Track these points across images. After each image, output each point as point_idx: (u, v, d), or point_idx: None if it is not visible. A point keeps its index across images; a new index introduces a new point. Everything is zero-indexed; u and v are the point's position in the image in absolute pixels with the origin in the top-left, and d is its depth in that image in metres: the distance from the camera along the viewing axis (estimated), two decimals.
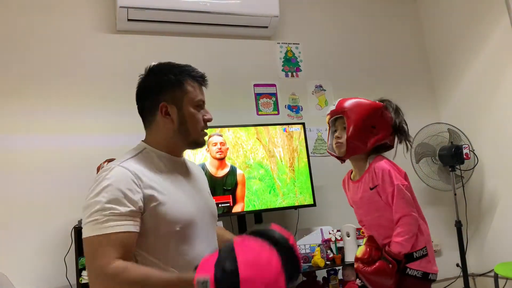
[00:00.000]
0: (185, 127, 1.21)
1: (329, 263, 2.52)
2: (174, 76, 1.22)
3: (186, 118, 1.21)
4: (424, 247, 1.69)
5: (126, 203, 1.06)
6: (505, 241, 2.97)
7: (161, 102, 1.20)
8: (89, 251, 1.04)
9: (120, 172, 1.10)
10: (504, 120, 2.95)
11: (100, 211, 1.04)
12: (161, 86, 1.21)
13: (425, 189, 3.19)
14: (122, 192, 1.06)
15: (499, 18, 2.92)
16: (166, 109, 1.20)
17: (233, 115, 2.89)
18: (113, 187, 1.06)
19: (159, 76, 1.23)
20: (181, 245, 1.14)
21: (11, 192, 2.38)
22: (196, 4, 2.70)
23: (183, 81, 1.22)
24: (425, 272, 1.66)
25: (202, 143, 1.27)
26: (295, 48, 3.22)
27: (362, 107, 1.78)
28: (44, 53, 2.58)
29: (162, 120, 1.20)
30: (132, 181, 1.09)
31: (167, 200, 1.12)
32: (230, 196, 2.53)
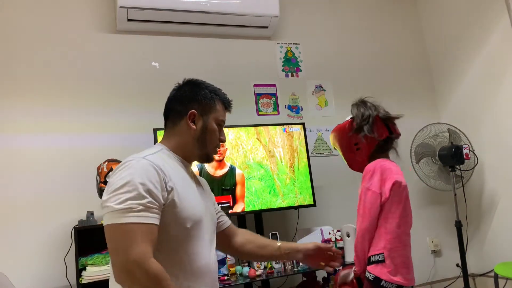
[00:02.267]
0: (204, 138, 1.31)
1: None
2: (209, 92, 1.35)
3: (208, 131, 1.31)
4: (381, 253, 1.67)
5: (155, 195, 1.10)
6: (505, 241, 2.97)
7: (191, 109, 1.30)
8: (122, 238, 1.04)
9: (147, 165, 1.13)
10: (504, 120, 2.95)
11: (134, 200, 1.06)
12: (196, 97, 1.32)
13: (425, 189, 3.19)
14: (152, 184, 1.10)
15: (499, 18, 2.93)
16: (194, 117, 1.30)
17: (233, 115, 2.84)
18: (142, 179, 1.09)
19: (196, 89, 1.34)
20: (188, 243, 1.18)
21: (11, 192, 2.38)
22: (196, 4, 2.70)
23: (215, 99, 1.35)
24: (377, 277, 1.65)
25: (212, 159, 1.37)
26: (295, 48, 3.22)
27: (337, 135, 1.96)
28: (44, 53, 2.58)
29: (187, 125, 1.29)
30: (158, 174, 1.13)
31: (183, 197, 1.17)
32: (230, 196, 2.53)
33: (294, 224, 2.85)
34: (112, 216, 1.05)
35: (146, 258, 1.03)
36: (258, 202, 2.58)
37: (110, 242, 1.06)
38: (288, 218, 2.88)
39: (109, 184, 1.11)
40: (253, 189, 2.59)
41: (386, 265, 1.66)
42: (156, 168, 1.13)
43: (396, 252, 1.68)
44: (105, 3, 2.77)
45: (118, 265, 1.05)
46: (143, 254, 1.03)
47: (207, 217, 1.28)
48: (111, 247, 1.06)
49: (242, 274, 2.37)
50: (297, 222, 2.85)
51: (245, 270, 2.36)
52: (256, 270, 2.36)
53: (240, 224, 2.60)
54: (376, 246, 1.69)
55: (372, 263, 1.68)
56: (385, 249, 1.67)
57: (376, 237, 1.71)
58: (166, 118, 1.35)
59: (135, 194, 1.06)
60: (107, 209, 1.06)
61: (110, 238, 1.06)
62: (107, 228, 1.06)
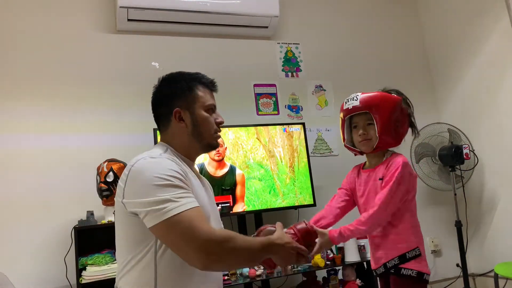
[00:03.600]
0: (199, 130, 1.28)
1: (329, 263, 2.52)
2: (186, 83, 1.29)
3: (199, 122, 1.28)
4: (417, 248, 1.70)
5: (186, 183, 1.13)
6: (505, 241, 2.97)
7: (174, 108, 1.27)
8: (183, 227, 1.05)
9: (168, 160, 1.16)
10: (504, 120, 2.95)
11: (171, 192, 1.08)
12: (175, 94, 1.28)
13: (425, 189, 3.19)
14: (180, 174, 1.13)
15: (499, 18, 2.92)
16: (179, 114, 1.27)
17: (233, 115, 2.89)
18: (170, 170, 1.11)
19: (172, 85, 1.30)
20: None
21: (11, 192, 2.38)
22: (196, 4, 2.70)
23: (194, 87, 1.30)
24: (419, 272, 1.67)
25: (216, 145, 1.34)
26: (295, 48, 3.22)
27: (387, 102, 1.74)
28: (44, 53, 2.58)
29: (177, 125, 1.27)
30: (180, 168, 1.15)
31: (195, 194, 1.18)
32: (230, 196, 2.53)
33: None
34: (161, 213, 1.05)
35: (213, 232, 1.06)
36: (258, 202, 2.58)
37: (172, 236, 1.06)
38: (288, 218, 2.88)
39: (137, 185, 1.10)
40: (253, 189, 2.59)
41: (423, 258, 1.71)
42: (176, 162, 1.16)
43: (422, 245, 1.74)
44: (105, 3, 2.77)
45: (194, 254, 1.05)
46: (208, 230, 1.05)
47: (214, 216, 1.28)
48: (175, 241, 1.06)
49: (242, 274, 2.37)
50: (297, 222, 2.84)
51: (245, 270, 2.36)
52: (256, 270, 2.36)
53: (240, 224, 2.61)
54: (409, 242, 1.69)
55: (410, 259, 1.68)
56: (419, 243, 1.71)
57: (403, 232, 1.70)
58: (157, 123, 1.34)
59: (171, 186, 1.08)
60: (151, 208, 1.06)
61: (170, 233, 1.06)
62: (162, 226, 1.05)
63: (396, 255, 1.69)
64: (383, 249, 1.74)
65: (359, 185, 1.83)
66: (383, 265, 1.73)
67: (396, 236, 1.70)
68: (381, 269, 1.74)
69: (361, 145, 1.78)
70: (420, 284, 1.67)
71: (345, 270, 2.56)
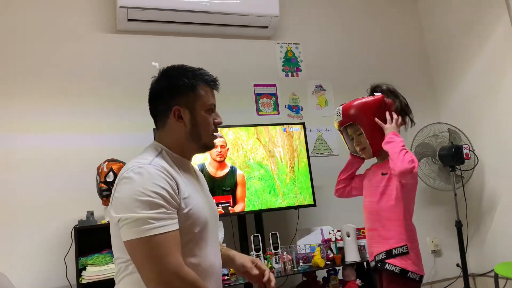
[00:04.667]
0: (197, 131, 1.23)
1: (329, 263, 2.52)
2: (188, 80, 1.23)
3: (198, 122, 1.23)
4: (405, 245, 1.71)
5: (171, 200, 1.08)
6: (505, 241, 2.97)
7: (174, 105, 1.21)
8: (154, 250, 1.02)
9: (156, 171, 1.10)
10: (504, 120, 2.95)
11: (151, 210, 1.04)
12: (175, 90, 1.22)
13: (425, 189, 3.19)
14: (165, 190, 1.08)
15: (499, 18, 2.92)
16: (179, 112, 1.21)
17: (233, 115, 2.89)
18: (155, 187, 1.06)
19: (173, 80, 1.23)
20: (195, 247, 1.17)
21: (11, 192, 2.38)
22: (196, 4, 2.70)
23: (196, 85, 1.23)
24: (403, 269, 1.68)
25: (212, 146, 1.31)
26: (295, 48, 3.22)
27: (366, 107, 1.81)
28: (44, 52, 2.58)
29: (175, 123, 1.22)
30: (168, 179, 1.10)
31: (190, 202, 1.15)
32: (230, 196, 2.53)
33: (294, 224, 2.85)
34: (136, 230, 1.03)
35: (182, 267, 1.04)
36: (258, 202, 2.58)
37: (140, 256, 1.04)
38: (288, 218, 2.88)
39: (121, 197, 1.08)
40: (253, 189, 2.59)
41: (411, 256, 1.71)
42: (165, 173, 1.11)
43: (414, 243, 1.74)
44: (105, 3, 2.77)
45: (154, 278, 1.02)
46: (178, 263, 1.03)
47: (211, 217, 1.25)
48: (142, 261, 1.03)
49: None
50: (297, 222, 2.84)
51: None
52: None
53: (240, 224, 2.61)
54: (398, 239, 1.71)
55: (395, 256, 1.69)
56: (408, 241, 1.72)
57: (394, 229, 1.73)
58: (154, 118, 1.27)
59: (153, 204, 1.04)
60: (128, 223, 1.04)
61: (139, 252, 1.03)
62: (133, 243, 1.03)
63: (384, 249, 1.73)
64: (375, 243, 1.78)
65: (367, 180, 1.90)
66: (374, 258, 1.79)
67: (388, 231, 1.74)
68: (373, 262, 1.80)
69: (361, 154, 1.88)
70: (404, 281, 1.68)
71: (345, 270, 2.56)
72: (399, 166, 1.62)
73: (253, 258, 1.39)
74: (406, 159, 1.62)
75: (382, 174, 1.78)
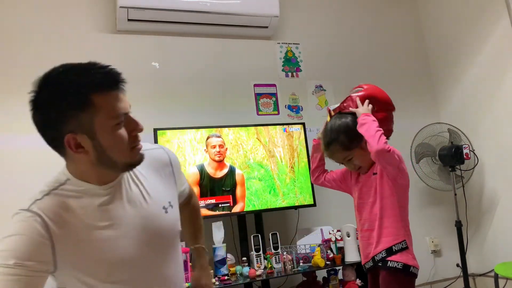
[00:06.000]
0: (106, 157, 0.95)
1: (329, 263, 2.52)
2: (74, 94, 0.91)
3: (104, 147, 0.93)
4: (404, 241, 1.73)
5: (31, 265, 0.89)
6: (505, 241, 2.97)
7: (66, 133, 0.92)
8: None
9: (28, 221, 0.94)
10: (504, 120, 2.95)
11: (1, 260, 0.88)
12: (61, 113, 0.91)
13: (425, 189, 3.19)
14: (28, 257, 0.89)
15: (499, 18, 2.92)
16: (75, 141, 0.92)
17: (233, 115, 2.89)
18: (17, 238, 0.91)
19: (55, 97, 0.92)
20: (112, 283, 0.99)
21: (11, 192, 2.37)
22: (196, 4, 2.70)
23: (87, 98, 0.91)
24: (405, 264, 1.69)
25: (138, 162, 1.02)
26: (295, 48, 3.22)
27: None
28: (44, 52, 2.58)
29: (74, 154, 0.94)
30: (40, 233, 0.91)
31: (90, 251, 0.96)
32: (230, 196, 2.53)
33: (294, 224, 2.85)
34: None
35: None
36: (258, 202, 2.58)
37: None
38: (288, 218, 2.88)
39: None
40: (253, 189, 2.59)
41: (410, 251, 1.73)
42: (42, 226, 0.92)
43: (410, 238, 1.76)
44: (105, 3, 2.77)
45: None
46: None
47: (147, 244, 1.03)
48: None
49: (242, 274, 2.37)
50: (297, 222, 2.84)
51: (245, 270, 2.36)
52: (256, 270, 2.36)
53: (240, 224, 2.60)
54: (396, 235, 1.73)
55: (396, 252, 1.70)
56: (405, 236, 1.74)
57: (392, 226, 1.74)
58: (51, 147, 1.01)
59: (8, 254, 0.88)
60: None
61: None
62: None
63: (384, 248, 1.73)
64: (372, 243, 1.78)
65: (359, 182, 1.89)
66: (372, 259, 1.78)
67: (385, 229, 1.75)
68: (370, 263, 1.80)
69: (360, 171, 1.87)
70: (407, 276, 1.70)
71: (345, 270, 2.56)
72: (375, 146, 1.63)
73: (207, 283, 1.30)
74: (382, 140, 1.64)
75: (374, 174, 1.80)
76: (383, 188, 1.76)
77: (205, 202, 2.45)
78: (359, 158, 1.81)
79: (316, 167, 2.05)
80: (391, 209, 1.74)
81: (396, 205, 1.75)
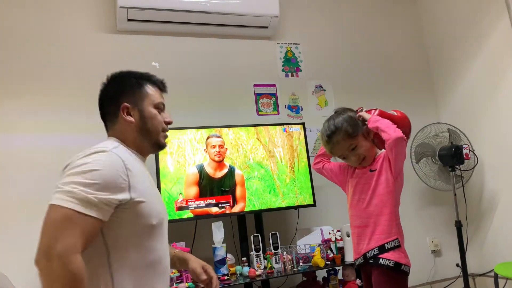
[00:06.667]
0: (146, 127, 1.26)
1: (329, 263, 2.52)
2: (135, 79, 1.29)
3: (147, 118, 1.27)
4: (396, 239, 1.74)
5: (112, 189, 1.07)
6: (505, 241, 2.97)
7: (123, 103, 1.25)
8: (61, 223, 1.01)
9: (117, 159, 1.12)
10: (504, 120, 2.95)
11: (83, 187, 1.03)
12: (123, 89, 1.27)
13: (425, 189, 3.19)
14: (115, 181, 1.08)
15: (499, 18, 2.92)
16: (127, 109, 1.26)
17: (233, 115, 2.89)
18: (104, 172, 1.07)
19: (121, 81, 1.29)
20: (154, 241, 1.19)
21: (11, 192, 2.38)
22: (196, 4, 2.70)
23: (143, 84, 1.29)
24: (397, 262, 1.71)
25: (164, 145, 1.32)
26: (295, 48, 3.22)
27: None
28: (44, 52, 2.58)
29: (124, 121, 1.25)
30: (123, 170, 1.11)
31: (147, 196, 1.16)
32: (230, 196, 2.53)
33: (294, 224, 2.85)
34: (60, 197, 1.03)
35: (71, 252, 0.99)
36: (258, 202, 2.58)
37: (46, 223, 1.04)
38: (288, 218, 2.88)
39: (74, 166, 1.08)
40: (253, 189, 2.59)
41: (402, 249, 1.75)
42: (125, 164, 1.12)
43: (402, 237, 1.78)
44: (105, 3, 2.77)
45: (42, 248, 1.02)
46: (70, 246, 0.99)
47: (165, 214, 1.29)
48: (44, 228, 1.04)
49: (242, 274, 2.37)
50: (297, 222, 2.85)
51: (245, 270, 2.36)
52: (256, 270, 2.36)
53: (240, 224, 2.61)
54: (389, 233, 1.75)
55: (388, 250, 1.72)
56: (398, 234, 1.76)
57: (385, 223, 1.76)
58: (105, 122, 1.31)
59: (96, 185, 1.04)
60: (63, 190, 1.04)
61: (48, 218, 1.04)
62: (50, 208, 1.04)
63: (376, 245, 1.75)
64: (364, 239, 1.80)
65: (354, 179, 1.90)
66: (363, 256, 1.80)
67: (379, 227, 1.77)
68: (361, 259, 1.80)
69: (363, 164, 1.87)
70: (398, 274, 1.72)
71: (345, 270, 2.56)
72: (393, 134, 1.67)
73: (204, 263, 1.42)
74: (398, 129, 1.69)
75: (371, 171, 1.82)
76: (380, 185, 1.77)
77: (205, 202, 2.45)
78: (363, 147, 1.82)
79: (323, 154, 2.08)
80: (386, 207, 1.76)
81: (392, 203, 1.77)
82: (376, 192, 1.78)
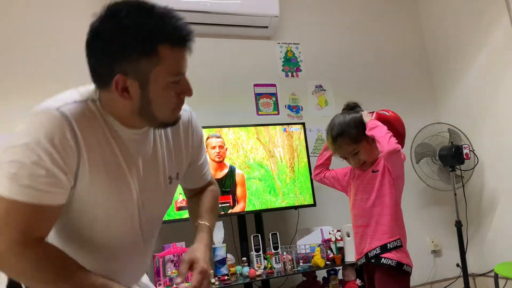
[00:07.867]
0: (149, 110, 0.89)
1: (329, 263, 2.52)
2: (140, 39, 0.82)
3: (151, 101, 0.87)
4: (399, 239, 1.75)
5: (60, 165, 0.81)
6: (505, 241, 2.97)
7: (116, 73, 0.84)
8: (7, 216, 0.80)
9: (57, 122, 0.83)
10: (504, 120, 2.95)
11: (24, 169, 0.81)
12: (120, 50, 0.83)
13: (425, 189, 3.19)
14: (56, 150, 0.81)
15: (499, 18, 2.92)
16: (123, 84, 0.85)
17: (233, 115, 2.89)
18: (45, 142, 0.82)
19: (123, 30, 0.83)
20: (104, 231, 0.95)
21: None
22: (196, 4, 2.70)
23: (155, 47, 0.83)
24: (399, 262, 1.71)
25: (174, 123, 0.96)
26: (295, 48, 3.22)
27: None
28: (44, 53, 2.57)
29: (117, 97, 0.86)
30: (69, 136, 0.83)
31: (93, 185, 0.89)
32: (230, 196, 2.53)
33: (294, 224, 2.85)
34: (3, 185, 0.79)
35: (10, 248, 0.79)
36: (258, 202, 2.58)
37: None
38: (288, 218, 2.88)
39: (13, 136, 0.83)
40: (253, 189, 2.59)
41: (404, 249, 1.76)
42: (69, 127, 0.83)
43: (405, 237, 1.79)
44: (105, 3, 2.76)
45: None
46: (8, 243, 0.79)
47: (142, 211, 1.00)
48: None
49: (242, 274, 2.37)
50: (297, 222, 2.85)
51: (245, 270, 2.36)
52: (256, 270, 2.36)
53: (240, 224, 2.60)
54: (392, 233, 1.75)
55: (390, 249, 1.72)
56: (400, 235, 1.76)
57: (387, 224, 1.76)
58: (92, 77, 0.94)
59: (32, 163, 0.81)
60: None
61: None
62: None
63: (378, 245, 1.75)
64: (366, 239, 1.80)
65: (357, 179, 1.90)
66: (365, 255, 1.80)
67: (381, 227, 1.77)
68: (363, 259, 1.81)
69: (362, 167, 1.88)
70: (400, 274, 1.72)
71: (345, 270, 2.56)
72: (387, 147, 1.68)
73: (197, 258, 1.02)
74: (392, 140, 1.69)
75: (373, 172, 1.82)
76: (383, 186, 1.78)
77: None
78: (365, 152, 1.83)
79: (321, 164, 2.08)
80: (389, 207, 1.76)
81: (394, 204, 1.77)
82: (379, 192, 1.79)
